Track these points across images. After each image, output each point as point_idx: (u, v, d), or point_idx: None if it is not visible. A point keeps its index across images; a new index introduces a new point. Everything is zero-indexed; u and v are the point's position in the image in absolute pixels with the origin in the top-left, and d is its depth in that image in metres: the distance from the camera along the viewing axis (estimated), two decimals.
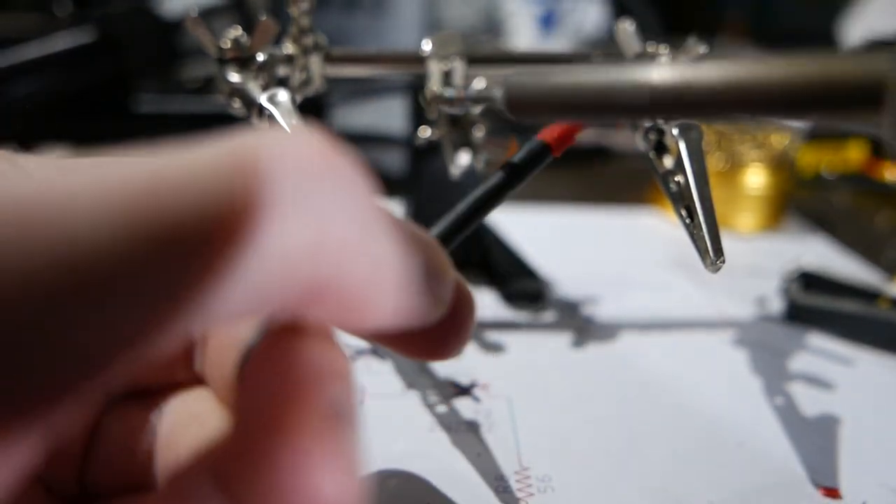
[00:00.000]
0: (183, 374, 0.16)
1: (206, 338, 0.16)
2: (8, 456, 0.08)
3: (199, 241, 0.08)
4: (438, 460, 0.22)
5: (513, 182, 0.17)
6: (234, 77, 0.25)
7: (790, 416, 0.26)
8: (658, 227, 0.47)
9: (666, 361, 0.30)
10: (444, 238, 0.16)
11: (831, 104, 0.09)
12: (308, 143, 0.09)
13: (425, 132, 0.30)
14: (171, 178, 0.08)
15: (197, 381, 0.16)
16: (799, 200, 0.53)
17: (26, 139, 0.53)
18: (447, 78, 0.28)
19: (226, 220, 0.08)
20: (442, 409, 0.25)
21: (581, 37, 0.90)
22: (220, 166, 0.08)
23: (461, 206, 0.16)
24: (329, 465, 0.09)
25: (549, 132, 0.18)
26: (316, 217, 0.09)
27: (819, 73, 0.09)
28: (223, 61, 0.25)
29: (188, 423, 0.15)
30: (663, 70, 0.11)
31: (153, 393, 0.16)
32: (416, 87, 0.35)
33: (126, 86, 0.52)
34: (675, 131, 0.24)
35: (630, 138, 0.27)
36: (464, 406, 0.25)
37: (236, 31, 0.25)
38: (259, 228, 0.08)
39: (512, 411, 0.25)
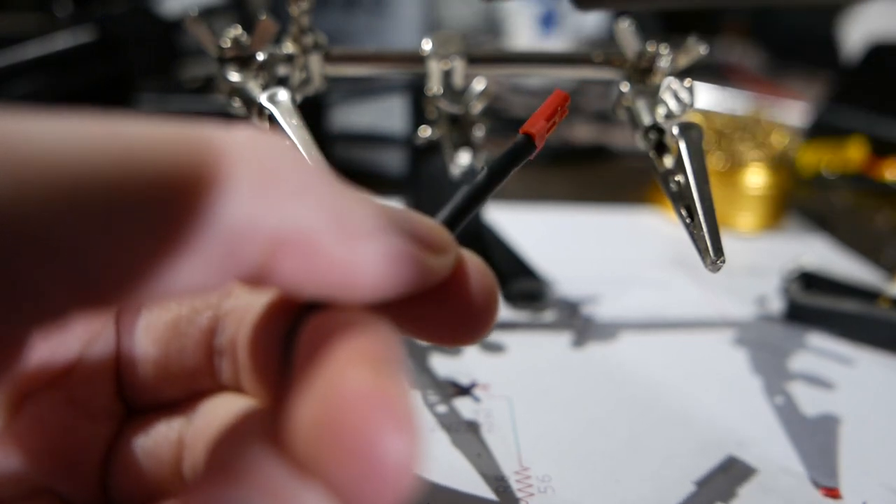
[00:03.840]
0: (207, 383, 0.16)
1: (234, 346, 0.15)
2: None
3: (158, 197, 0.09)
4: (438, 460, 0.22)
5: (499, 176, 0.17)
6: (234, 76, 0.25)
7: (790, 416, 0.26)
8: (658, 226, 0.47)
9: (666, 361, 0.30)
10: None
11: None
12: (254, 131, 0.11)
13: (425, 132, 0.30)
14: (130, 138, 0.09)
15: (224, 390, 0.16)
16: (799, 200, 0.53)
17: None
18: (447, 77, 0.28)
19: (185, 182, 0.09)
20: (442, 409, 0.25)
21: (581, 37, 0.90)
22: (180, 136, 0.10)
23: (452, 203, 0.16)
24: (391, 425, 0.09)
25: (531, 125, 0.18)
26: (269, 181, 0.10)
27: None
28: (223, 61, 0.25)
29: (223, 417, 0.15)
30: None
31: (178, 404, 0.16)
32: (415, 87, 0.35)
33: (126, 86, 0.52)
34: (675, 130, 0.24)
35: (630, 138, 0.27)
36: (464, 406, 0.25)
37: (236, 31, 0.25)
38: (218, 192, 0.10)
39: (512, 411, 0.25)
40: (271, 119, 0.23)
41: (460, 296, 0.14)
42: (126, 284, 0.09)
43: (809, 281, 0.34)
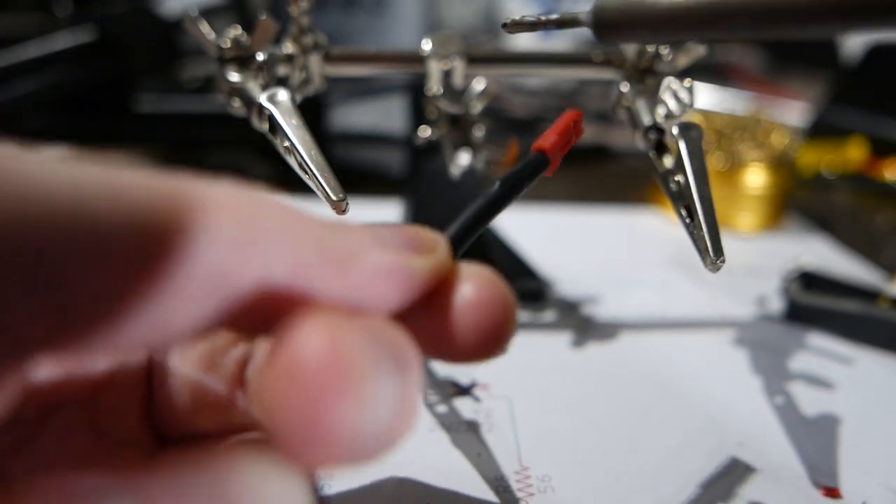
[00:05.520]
0: (240, 419, 0.16)
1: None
2: None
3: (139, 237, 0.09)
4: (438, 460, 0.22)
5: (512, 192, 0.17)
6: (234, 76, 0.25)
7: (790, 416, 0.26)
8: (658, 226, 0.47)
9: (666, 361, 0.30)
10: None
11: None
12: (233, 184, 0.11)
13: (425, 132, 0.30)
14: (120, 183, 0.10)
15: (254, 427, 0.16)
16: (799, 200, 0.53)
17: (26, 139, 0.53)
18: (447, 77, 0.28)
19: (164, 226, 0.10)
20: (442, 409, 0.25)
21: (581, 37, 0.90)
22: (164, 186, 0.10)
23: (462, 218, 0.16)
24: (339, 391, 0.10)
25: (543, 140, 0.18)
26: (250, 229, 0.11)
27: None
28: (223, 61, 0.25)
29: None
30: None
31: (209, 437, 0.16)
32: (416, 87, 0.35)
33: (126, 86, 0.52)
34: (675, 130, 0.24)
35: (630, 138, 0.27)
36: (464, 406, 0.25)
37: (236, 31, 0.25)
38: (195, 237, 0.10)
39: (512, 411, 0.25)
40: (271, 119, 0.23)
41: (462, 304, 0.14)
42: (106, 321, 0.09)
43: (809, 281, 0.34)
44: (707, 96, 0.79)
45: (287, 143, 0.22)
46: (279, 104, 0.23)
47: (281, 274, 0.11)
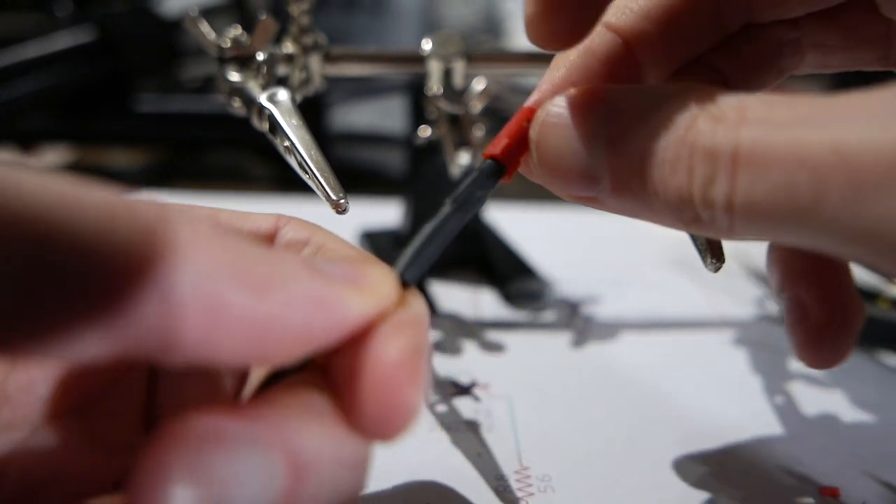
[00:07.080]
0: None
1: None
2: None
3: (105, 266, 0.09)
4: (438, 460, 0.22)
5: (465, 210, 0.16)
6: (234, 76, 0.25)
7: (790, 416, 0.26)
8: (658, 226, 0.47)
9: (665, 361, 0.30)
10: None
11: None
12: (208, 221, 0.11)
13: (425, 132, 0.30)
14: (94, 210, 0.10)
15: None
16: None
17: (26, 139, 0.53)
18: (447, 77, 0.28)
19: (133, 253, 0.10)
20: (442, 408, 0.25)
21: None
22: (138, 213, 0.10)
23: (410, 247, 0.15)
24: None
25: (493, 146, 0.16)
26: (211, 267, 0.10)
27: None
28: (223, 60, 0.25)
29: None
30: None
31: None
32: (416, 87, 0.35)
33: (126, 86, 0.52)
34: None
35: None
36: (464, 406, 0.25)
37: (236, 31, 0.25)
38: (161, 271, 0.10)
39: (512, 411, 0.25)
40: (271, 119, 0.23)
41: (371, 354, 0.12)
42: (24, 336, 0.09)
43: None
44: None
45: (287, 143, 0.22)
46: (279, 104, 0.23)
47: (187, 290, 0.10)
